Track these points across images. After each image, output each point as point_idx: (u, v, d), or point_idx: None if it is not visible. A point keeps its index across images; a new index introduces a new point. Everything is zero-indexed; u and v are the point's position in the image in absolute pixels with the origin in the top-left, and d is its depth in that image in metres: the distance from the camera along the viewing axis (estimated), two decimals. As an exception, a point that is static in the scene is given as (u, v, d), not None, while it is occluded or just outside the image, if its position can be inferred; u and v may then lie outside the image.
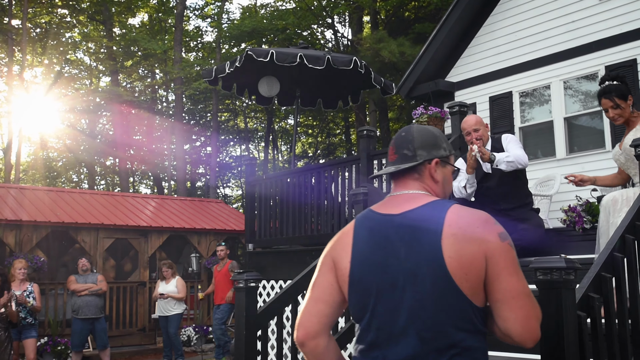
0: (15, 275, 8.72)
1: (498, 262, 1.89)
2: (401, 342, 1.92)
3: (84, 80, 28.20)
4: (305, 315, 2.10)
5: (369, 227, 2.06)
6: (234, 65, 7.89)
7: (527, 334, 1.91)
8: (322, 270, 2.13)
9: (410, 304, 1.91)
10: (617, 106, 4.24)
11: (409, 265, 1.93)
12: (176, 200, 16.74)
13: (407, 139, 2.11)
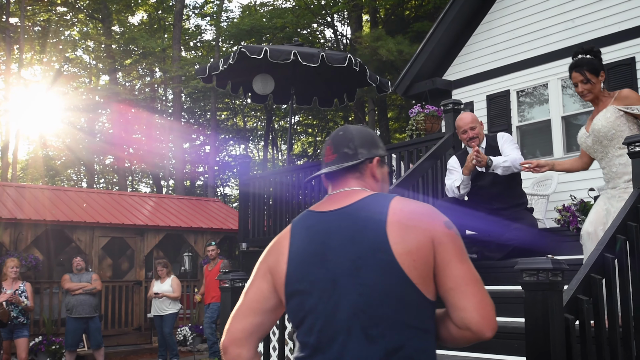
0: (8, 274, 8.65)
1: (447, 249, 1.80)
2: (346, 343, 1.78)
3: (83, 78, 28.16)
4: (234, 322, 1.98)
5: (306, 226, 1.96)
6: (228, 63, 7.81)
7: (486, 322, 1.78)
8: (255, 277, 2.01)
9: (353, 299, 1.78)
10: (588, 81, 4.03)
11: (351, 257, 1.81)
12: (174, 199, 16.66)
13: (347, 137, 2.01)
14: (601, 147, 4.02)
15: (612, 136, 3.93)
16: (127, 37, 23.51)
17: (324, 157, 2.05)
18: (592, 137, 4.07)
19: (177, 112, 22.06)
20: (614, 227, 3.02)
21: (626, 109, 3.87)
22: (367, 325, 1.76)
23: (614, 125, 3.91)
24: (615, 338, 2.85)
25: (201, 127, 28.72)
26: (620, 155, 3.90)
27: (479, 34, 10.07)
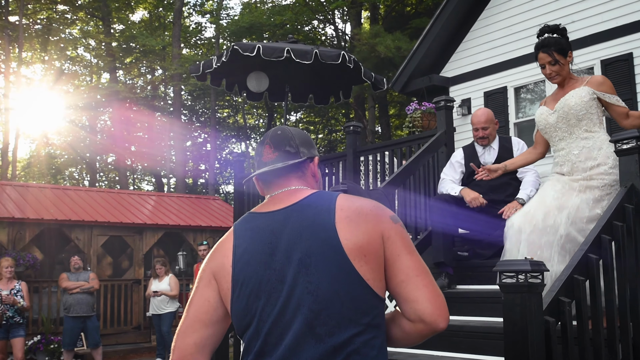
0: (2, 274, 8.63)
1: (395, 242, 1.78)
2: (292, 343, 1.71)
3: (84, 76, 28.15)
4: (180, 337, 1.87)
5: (250, 228, 1.88)
6: (221, 61, 7.74)
7: (439, 311, 1.75)
8: (199, 285, 1.90)
9: (301, 298, 1.72)
10: (556, 62, 3.87)
11: (299, 255, 1.76)
12: (174, 197, 16.64)
13: (287, 136, 1.96)
14: (567, 125, 3.85)
15: (582, 116, 3.79)
16: (127, 35, 23.48)
17: (262, 156, 1.96)
18: (558, 114, 3.89)
19: (177, 110, 22.04)
20: (599, 226, 2.96)
21: (602, 95, 3.77)
22: (315, 324, 1.71)
23: (587, 105, 3.78)
24: (599, 341, 2.79)
25: (202, 124, 28.69)
26: (586, 139, 3.78)
27: (476, 30, 9.99)
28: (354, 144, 6.61)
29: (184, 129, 27.80)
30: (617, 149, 3.31)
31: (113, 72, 25.34)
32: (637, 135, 3.19)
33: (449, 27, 10.13)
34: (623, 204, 3.12)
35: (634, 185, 3.18)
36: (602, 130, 3.84)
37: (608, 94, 3.79)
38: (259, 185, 2.00)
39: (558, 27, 4.00)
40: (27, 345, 11.11)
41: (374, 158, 6.46)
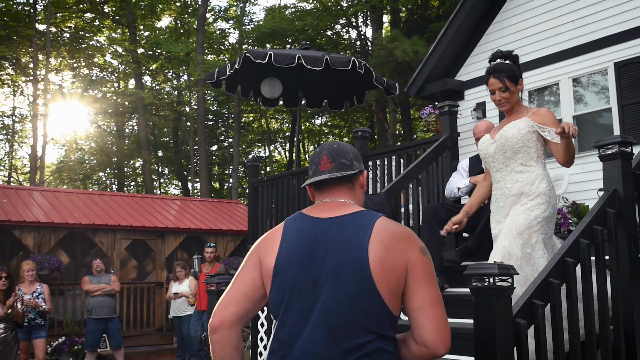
0: (24, 277, 8.88)
1: (419, 273, 2.01)
2: (310, 338, 1.97)
3: (112, 83, 28.66)
4: (223, 305, 2.15)
5: (298, 227, 2.14)
6: (234, 68, 7.90)
7: (441, 341, 1.99)
8: (246, 265, 2.19)
9: (326, 302, 1.98)
10: (506, 89, 3.76)
11: (333, 265, 2.01)
12: (196, 201, 16.88)
13: (343, 150, 2.22)
14: (503, 157, 3.74)
15: (518, 149, 3.68)
16: (152, 42, 23.86)
17: (319, 165, 2.21)
18: (497, 144, 3.78)
19: (201, 115, 22.33)
20: (578, 230, 3.00)
21: (539, 128, 3.63)
22: (334, 327, 1.96)
23: (524, 138, 3.67)
24: (576, 343, 2.84)
25: (227, 129, 28.98)
26: (520, 172, 3.67)
27: (491, 34, 10.00)
28: (362, 149, 6.69)
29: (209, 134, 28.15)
30: (600, 154, 3.34)
31: (139, 79, 25.76)
32: (619, 140, 3.23)
33: (464, 31, 10.15)
34: (604, 208, 3.16)
35: (616, 190, 3.22)
36: (538, 165, 3.70)
37: (546, 127, 3.64)
38: (312, 190, 2.27)
39: (511, 54, 3.91)
40: (52, 346, 11.40)
41: (382, 162, 6.53)
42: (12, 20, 21.23)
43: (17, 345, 7.66)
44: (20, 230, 12.04)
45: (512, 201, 3.65)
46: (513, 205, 3.63)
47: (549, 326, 2.85)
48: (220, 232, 14.34)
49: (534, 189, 3.58)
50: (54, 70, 25.19)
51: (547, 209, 3.52)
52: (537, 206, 3.50)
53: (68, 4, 23.67)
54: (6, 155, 28.61)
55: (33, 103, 21.34)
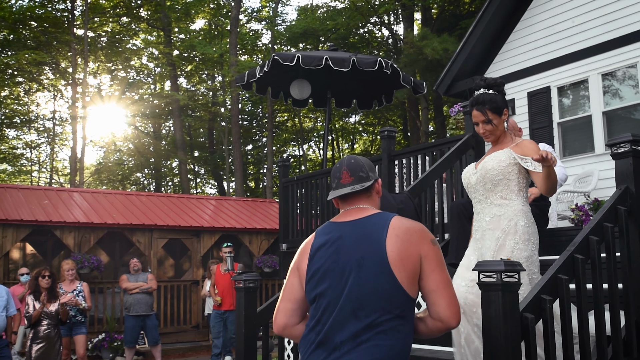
0: (65, 276, 9.21)
1: (431, 261, 2.42)
2: (338, 317, 2.39)
3: (149, 85, 29.21)
4: (277, 313, 2.67)
5: (327, 232, 2.58)
6: (263, 70, 8.07)
7: (454, 316, 2.40)
8: (289, 275, 2.67)
9: (352, 287, 2.39)
10: (489, 121, 3.62)
11: (356, 257, 2.43)
12: (231, 200, 17.16)
13: (359, 164, 2.65)
14: (483, 189, 3.60)
15: (498, 182, 3.53)
16: (186, 44, 24.27)
17: (341, 179, 2.64)
18: (478, 175, 3.65)
19: (235, 116, 22.63)
20: (588, 228, 3.08)
21: (520, 159, 3.49)
22: (357, 308, 2.37)
23: (505, 171, 3.52)
24: (587, 337, 2.92)
25: (261, 128, 29.27)
26: (499, 206, 3.52)
27: (519, 31, 10.00)
28: (388, 148, 6.80)
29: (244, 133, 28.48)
30: (612, 153, 3.40)
31: (174, 80, 26.21)
32: (630, 139, 3.29)
33: (492, 28, 10.16)
34: (616, 206, 3.22)
35: (628, 187, 3.28)
36: (518, 199, 3.52)
37: (527, 157, 3.48)
38: (336, 200, 2.68)
39: (495, 82, 3.73)
40: (92, 343, 11.77)
41: (407, 162, 6.63)
42: (51, 26, 21.85)
43: (59, 341, 7.96)
44: (61, 231, 12.44)
45: (490, 236, 3.50)
46: (491, 241, 3.47)
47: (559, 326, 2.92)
48: (254, 230, 14.57)
49: (512, 226, 3.43)
50: (92, 73, 25.81)
51: (527, 248, 3.36)
52: (515, 246, 3.35)
53: (105, 9, 24.24)
54: (47, 158, 29.40)
55: (72, 106, 21.91)
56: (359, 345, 2.34)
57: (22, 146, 28.39)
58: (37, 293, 7.80)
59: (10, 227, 11.96)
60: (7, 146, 27.59)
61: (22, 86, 25.76)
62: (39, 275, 7.89)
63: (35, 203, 13.05)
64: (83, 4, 22.01)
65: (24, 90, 26.24)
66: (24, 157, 28.58)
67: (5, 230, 11.93)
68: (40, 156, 29.73)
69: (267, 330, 4.56)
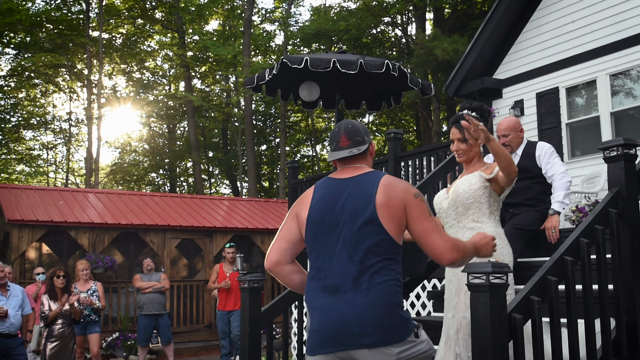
0: (79, 276, 9.38)
1: (415, 211, 2.76)
2: (337, 263, 2.75)
3: (163, 86, 29.46)
4: (271, 250, 3.00)
5: (325, 187, 2.92)
6: (272, 73, 8.18)
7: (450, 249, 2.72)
8: (287, 219, 3.00)
9: (346, 236, 2.75)
10: (465, 140, 3.63)
11: (350, 209, 2.78)
12: (243, 201, 17.30)
13: (355, 128, 2.96)
14: (455, 213, 3.60)
15: (469, 205, 3.55)
16: (200, 45, 24.46)
17: (339, 142, 2.95)
18: (450, 199, 3.67)
19: (248, 116, 22.78)
20: (579, 230, 3.15)
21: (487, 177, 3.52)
22: (352, 253, 2.73)
23: (476, 194, 3.54)
24: (576, 338, 2.99)
25: (274, 129, 29.43)
26: (472, 229, 3.50)
27: (528, 31, 10.03)
28: (394, 150, 6.88)
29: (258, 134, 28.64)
30: (604, 156, 3.47)
31: (188, 81, 26.42)
32: (622, 143, 3.35)
33: (501, 29, 10.20)
34: (607, 209, 3.29)
35: (619, 190, 3.34)
36: (491, 222, 3.55)
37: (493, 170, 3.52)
38: (334, 162, 2.99)
39: (480, 107, 3.76)
40: (107, 342, 11.95)
41: (413, 163, 6.70)
42: (67, 28, 22.14)
43: (73, 340, 8.13)
44: (76, 231, 12.64)
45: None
46: None
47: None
48: (266, 231, 14.69)
49: None
50: (107, 75, 26.10)
51: None
52: None
53: (120, 11, 24.51)
54: (64, 159, 29.75)
55: (88, 107, 22.19)
56: (359, 286, 2.69)
57: (38, 147, 28.76)
58: (52, 292, 7.98)
59: (27, 227, 12.17)
60: (24, 147, 27.97)
61: (39, 88, 26.10)
62: (54, 275, 8.07)
63: (50, 204, 13.27)
64: (98, 6, 22.26)
65: (41, 92, 26.59)
66: (41, 158, 28.95)
67: (22, 230, 12.15)
68: (57, 157, 30.11)
69: (271, 330, 4.66)
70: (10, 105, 25.83)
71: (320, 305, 2.77)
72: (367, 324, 2.65)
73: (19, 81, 24.45)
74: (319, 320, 2.77)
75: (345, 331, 2.68)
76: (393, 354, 2.64)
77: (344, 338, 2.69)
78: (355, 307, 2.68)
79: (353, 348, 2.68)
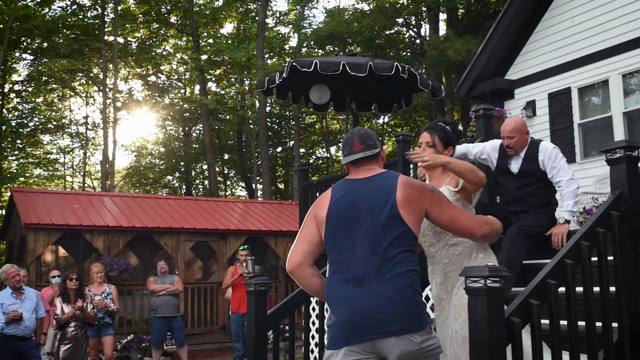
0: (93, 279, 9.46)
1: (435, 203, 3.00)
2: (359, 255, 2.86)
3: (179, 89, 29.65)
4: (292, 253, 3.08)
5: (343, 187, 3.04)
6: (282, 76, 8.21)
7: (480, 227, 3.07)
8: (306, 221, 3.11)
9: (368, 229, 2.88)
10: (433, 145, 3.56)
11: (370, 205, 2.90)
12: (257, 203, 17.35)
13: (367, 134, 3.12)
14: (433, 232, 3.45)
15: None
16: (214, 48, 24.59)
17: (352, 146, 3.09)
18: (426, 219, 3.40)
19: (262, 119, 22.85)
20: (580, 233, 3.13)
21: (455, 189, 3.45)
22: (375, 245, 2.85)
23: None
24: (575, 340, 2.98)
25: (289, 131, 29.48)
26: (454, 245, 3.40)
27: (540, 32, 9.97)
28: (403, 152, 6.87)
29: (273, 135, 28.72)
30: (607, 159, 3.45)
31: (203, 84, 26.56)
32: (624, 145, 3.33)
33: (513, 29, 10.15)
34: (609, 211, 3.27)
35: (622, 193, 3.33)
36: None
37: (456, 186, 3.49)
38: (348, 166, 3.14)
39: (454, 123, 3.79)
40: (122, 344, 12.04)
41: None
42: (82, 34, 22.36)
43: (86, 342, 8.21)
44: (91, 234, 12.76)
45: (454, 276, 3.37)
46: (455, 281, 3.36)
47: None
48: (280, 233, 14.73)
49: (472, 261, 3.35)
50: (123, 79, 26.32)
51: None
52: None
53: (135, 16, 24.71)
54: (81, 162, 30.04)
55: (103, 111, 22.39)
56: (383, 275, 2.79)
57: (56, 151, 29.06)
58: (65, 295, 8.07)
59: (42, 231, 12.31)
60: (42, 151, 28.27)
61: (56, 93, 26.39)
62: (67, 278, 8.16)
63: (66, 207, 13.41)
64: (113, 11, 22.47)
65: (58, 96, 26.88)
66: (58, 162, 29.26)
67: (38, 234, 12.29)
68: (74, 161, 30.41)
69: (277, 333, 4.69)
70: (28, 110, 26.15)
71: (345, 297, 2.84)
72: (393, 312, 2.74)
73: (37, 86, 24.74)
74: (345, 311, 2.83)
75: (373, 319, 2.75)
76: (417, 342, 2.73)
77: (372, 326, 2.75)
78: (381, 296, 2.77)
79: (381, 336, 2.75)
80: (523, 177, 5.08)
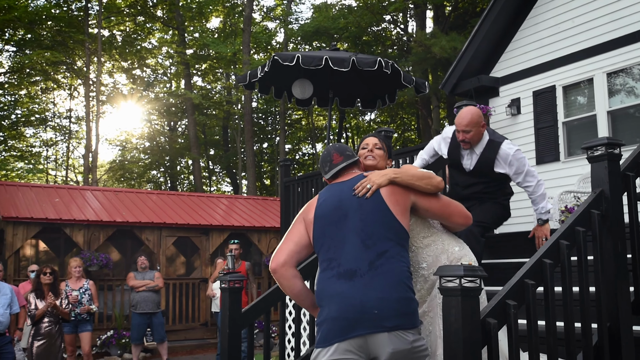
0: (72, 273, 9.29)
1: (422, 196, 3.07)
2: (350, 249, 2.87)
3: (164, 83, 29.40)
4: (277, 251, 3.09)
5: (328, 190, 3.12)
6: (264, 70, 8.08)
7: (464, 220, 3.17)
8: (294, 223, 3.17)
9: (356, 224, 2.91)
10: (381, 148, 3.37)
11: (357, 201, 2.96)
12: (241, 199, 17.22)
13: (343, 147, 3.22)
14: None
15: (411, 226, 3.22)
16: (199, 43, 24.39)
17: (332, 161, 3.17)
18: None
19: (247, 114, 22.71)
20: (559, 232, 3.05)
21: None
22: (365, 238, 2.87)
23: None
24: (553, 342, 2.90)
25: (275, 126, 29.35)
26: (427, 246, 3.26)
27: (525, 29, 9.92)
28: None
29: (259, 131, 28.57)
30: (588, 156, 3.37)
31: (188, 79, 26.35)
32: (606, 142, 3.25)
33: (498, 27, 10.10)
34: (589, 210, 3.19)
35: (603, 191, 3.25)
36: (440, 230, 3.31)
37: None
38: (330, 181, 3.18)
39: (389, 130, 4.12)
40: (101, 340, 11.90)
41: (404, 162, 6.61)
42: (66, 25, 22.08)
43: (60, 338, 8.06)
44: (71, 229, 12.58)
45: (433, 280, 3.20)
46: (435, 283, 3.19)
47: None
48: (263, 229, 14.62)
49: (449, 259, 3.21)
50: (107, 72, 26.05)
51: None
52: None
53: (120, 8, 24.44)
54: (64, 156, 29.74)
55: (86, 104, 22.14)
56: (375, 269, 2.79)
57: (39, 144, 28.75)
58: (39, 291, 7.92)
59: (21, 224, 12.11)
60: (25, 144, 27.94)
61: (39, 85, 26.07)
62: (41, 273, 8.00)
63: (46, 201, 13.21)
64: (98, 3, 22.21)
65: (41, 89, 26.55)
66: (41, 155, 28.94)
67: (16, 227, 12.09)
68: (57, 154, 30.09)
69: (252, 330, 4.59)
70: (11, 102, 25.81)
71: (337, 292, 2.81)
72: (387, 307, 2.72)
73: (19, 78, 24.41)
74: (338, 306, 2.79)
75: (366, 313, 2.73)
76: (409, 341, 2.71)
77: (365, 321, 2.72)
78: (374, 290, 2.75)
79: (373, 331, 2.71)
80: (476, 175, 4.80)
